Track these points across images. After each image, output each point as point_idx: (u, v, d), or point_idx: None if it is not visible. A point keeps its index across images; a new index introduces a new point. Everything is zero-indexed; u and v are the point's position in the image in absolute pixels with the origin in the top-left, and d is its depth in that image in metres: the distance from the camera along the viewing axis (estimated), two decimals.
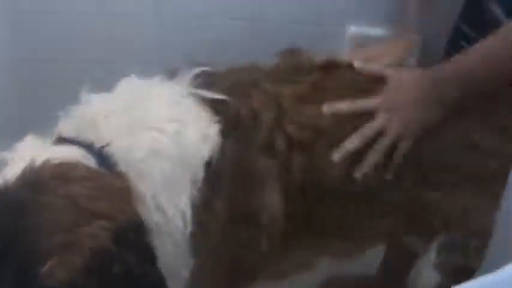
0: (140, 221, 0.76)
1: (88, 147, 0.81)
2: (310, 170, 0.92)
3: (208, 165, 0.85)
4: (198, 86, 0.90)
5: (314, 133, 0.93)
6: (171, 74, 0.94)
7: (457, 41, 1.22)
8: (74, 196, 0.73)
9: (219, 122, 0.87)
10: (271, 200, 0.91)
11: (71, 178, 0.75)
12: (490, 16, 1.14)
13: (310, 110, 0.94)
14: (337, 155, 0.93)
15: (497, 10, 1.13)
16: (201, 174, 0.84)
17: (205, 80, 0.92)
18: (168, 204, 0.82)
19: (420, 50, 1.43)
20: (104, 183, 0.76)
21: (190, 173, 0.84)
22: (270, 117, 0.91)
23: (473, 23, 1.18)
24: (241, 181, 0.89)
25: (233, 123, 0.89)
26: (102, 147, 0.81)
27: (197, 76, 0.92)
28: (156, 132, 0.83)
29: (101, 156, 0.80)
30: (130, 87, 0.90)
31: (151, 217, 0.81)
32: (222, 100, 0.89)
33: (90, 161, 0.79)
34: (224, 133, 0.87)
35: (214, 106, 0.89)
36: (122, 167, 0.80)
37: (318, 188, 0.94)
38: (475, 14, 1.17)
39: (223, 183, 0.87)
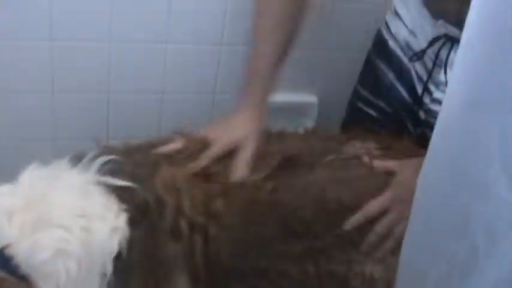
0: None
1: None
2: (210, 251, 0.92)
3: (118, 257, 0.83)
4: (105, 173, 0.89)
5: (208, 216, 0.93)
6: (78, 158, 0.91)
7: (356, 104, 1.26)
8: None
9: (127, 211, 0.86)
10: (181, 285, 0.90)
11: None
12: (385, 81, 1.19)
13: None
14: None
15: (390, 74, 1.19)
16: (110, 267, 0.83)
17: (112, 166, 0.90)
18: None
19: (317, 112, 1.48)
20: None
21: (99, 267, 0.82)
22: (172, 202, 0.90)
23: (371, 87, 1.23)
24: (151, 270, 0.88)
25: (140, 211, 0.87)
26: (3, 248, 0.76)
27: (105, 163, 0.90)
28: (61, 231, 0.80)
29: (2, 258, 0.76)
30: (34, 177, 0.86)
31: None
32: (127, 187, 0.88)
33: None
34: (132, 222, 0.85)
35: (121, 194, 0.87)
36: (25, 269, 0.76)
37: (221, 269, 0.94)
38: (372, 78, 1.22)
39: (134, 274, 0.86)
